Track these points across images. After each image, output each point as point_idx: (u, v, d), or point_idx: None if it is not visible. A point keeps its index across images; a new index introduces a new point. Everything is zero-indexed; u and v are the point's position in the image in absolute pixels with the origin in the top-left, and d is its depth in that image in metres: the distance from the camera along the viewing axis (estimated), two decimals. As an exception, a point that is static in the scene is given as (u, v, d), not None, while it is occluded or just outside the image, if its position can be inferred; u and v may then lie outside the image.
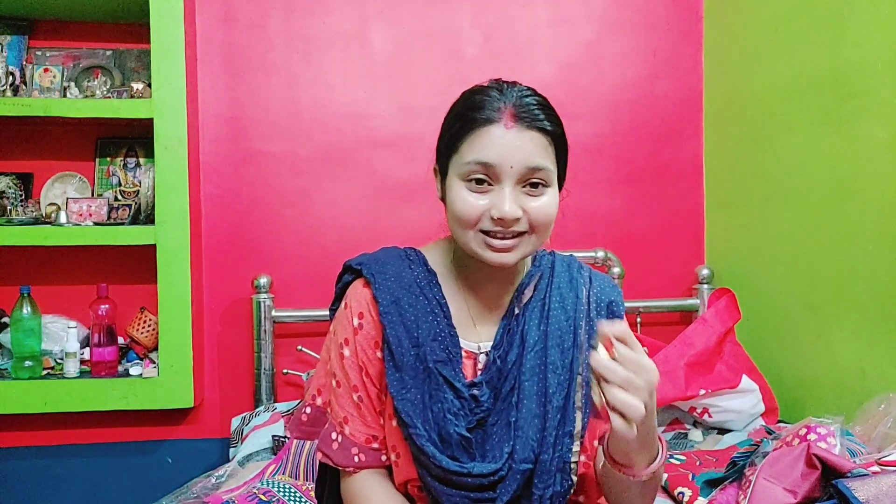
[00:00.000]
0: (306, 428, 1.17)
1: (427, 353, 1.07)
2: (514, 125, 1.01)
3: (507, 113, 1.02)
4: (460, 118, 1.05)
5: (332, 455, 1.11)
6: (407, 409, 1.05)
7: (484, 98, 1.04)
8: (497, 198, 1.01)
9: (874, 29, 1.83)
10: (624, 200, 2.53)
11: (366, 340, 1.11)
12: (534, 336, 1.09)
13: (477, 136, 1.02)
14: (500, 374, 1.08)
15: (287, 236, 2.41)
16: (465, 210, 1.02)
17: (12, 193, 2.22)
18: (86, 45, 2.31)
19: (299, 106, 2.42)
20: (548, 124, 1.03)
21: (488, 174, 1.02)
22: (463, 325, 1.12)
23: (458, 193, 1.03)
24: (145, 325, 2.22)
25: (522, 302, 1.12)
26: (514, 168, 1.01)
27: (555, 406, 1.06)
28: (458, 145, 1.04)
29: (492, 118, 1.02)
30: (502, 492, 1.05)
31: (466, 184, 1.03)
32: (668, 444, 2.09)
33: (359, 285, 1.13)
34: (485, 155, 1.01)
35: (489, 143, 1.01)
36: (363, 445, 1.10)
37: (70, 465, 2.30)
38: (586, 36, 2.54)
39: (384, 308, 1.09)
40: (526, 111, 1.02)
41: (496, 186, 1.02)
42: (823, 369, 2.03)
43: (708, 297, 2.45)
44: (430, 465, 1.05)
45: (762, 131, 2.28)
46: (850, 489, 1.26)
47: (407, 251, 1.16)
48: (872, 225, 1.84)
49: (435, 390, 1.06)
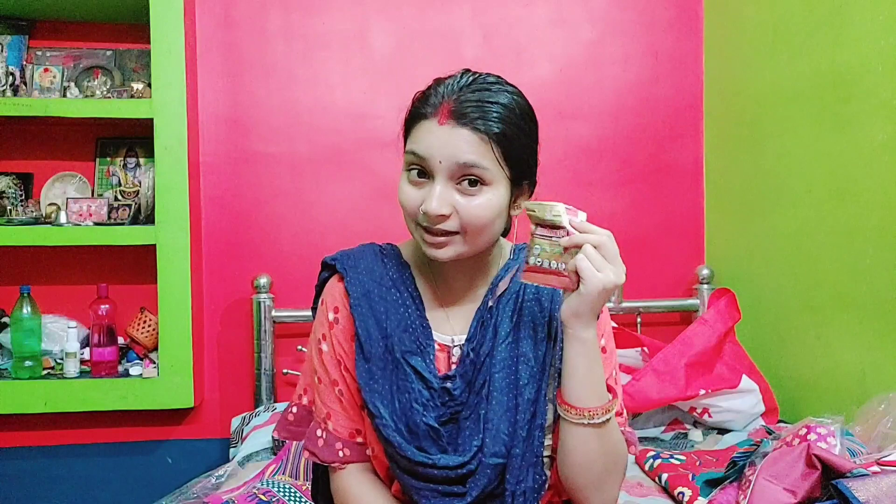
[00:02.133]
0: (293, 427, 1.17)
1: (395, 344, 1.07)
2: (447, 122, 1.01)
3: (444, 109, 1.02)
4: (410, 108, 1.09)
5: (317, 452, 1.12)
6: (374, 399, 1.06)
7: (428, 92, 1.07)
8: (427, 192, 1.02)
9: (874, 30, 1.83)
10: (624, 200, 2.53)
11: (342, 334, 1.12)
12: (506, 328, 1.09)
13: (416, 128, 1.05)
14: (474, 366, 1.08)
15: (287, 236, 2.41)
16: (404, 201, 1.05)
17: (12, 193, 2.22)
18: (86, 45, 2.31)
19: (299, 106, 2.42)
20: (481, 123, 1.00)
21: (423, 168, 1.03)
22: (437, 317, 1.12)
23: (402, 184, 1.07)
24: (145, 325, 2.22)
25: (496, 294, 1.11)
26: (444, 164, 1.01)
27: (526, 398, 1.06)
28: (406, 135, 1.08)
29: (427, 113, 1.04)
30: (472, 486, 1.04)
31: (408, 174, 1.06)
32: (668, 444, 2.09)
33: (334, 280, 1.15)
34: (417, 147, 1.03)
35: (422, 136, 1.03)
36: (347, 440, 1.11)
37: (70, 465, 2.30)
38: (587, 36, 2.55)
39: (354, 300, 1.10)
40: (462, 109, 1.01)
41: (430, 181, 1.03)
42: (823, 369, 2.03)
43: (708, 297, 2.45)
44: (396, 457, 1.05)
45: (762, 132, 2.28)
46: (850, 489, 1.26)
47: (382, 246, 1.18)
48: (872, 225, 1.84)
49: (402, 380, 1.06)
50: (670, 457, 1.87)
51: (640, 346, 2.28)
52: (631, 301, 2.46)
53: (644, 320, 2.51)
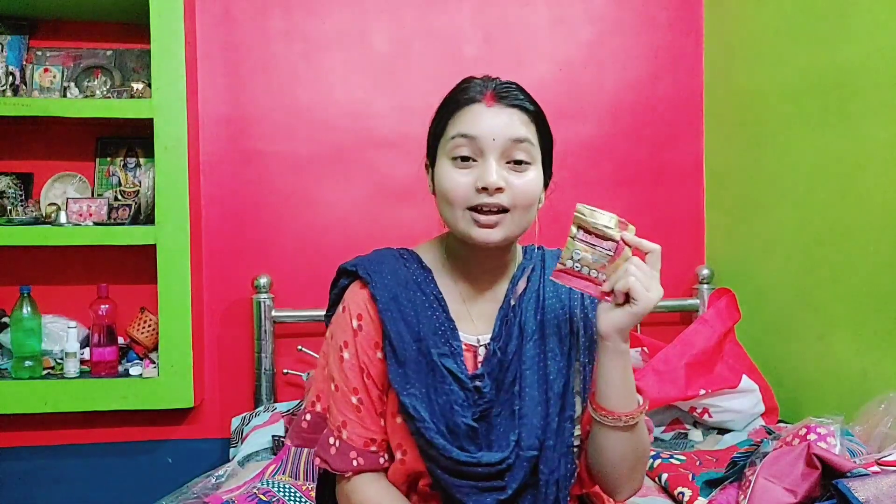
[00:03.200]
0: (307, 435, 1.17)
1: (430, 347, 1.09)
2: (495, 103, 1.08)
3: (489, 93, 1.08)
4: (446, 104, 1.12)
5: (330, 460, 1.11)
6: (413, 403, 1.07)
7: (467, 84, 1.11)
8: (481, 170, 1.06)
9: (874, 28, 1.83)
10: (624, 200, 2.53)
11: (366, 341, 1.11)
12: (531, 326, 1.12)
13: (461, 113, 1.08)
14: (501, 365, 1.10)
15: (287, 236, 2.41)
16: (452, 186, 1.06)
17: (12, 193, 2.22)
18: (86, 45, 2.31)
19: (299, 105, 2.42)
20: (528, 104, 1.09)
21: (472, 149, 1.06)
22: (460, 318, 1.13)
23: (446, 172, 1.08)
24: (145, 325, 2.22)
25: (517, 293, 1.15)
26: (497, 141, 1.06)
27: (556, 392, 1.10)
28: (445, 127, 1.10)
29: (474, 97, 1.08)
30: (510, 479, 1.07)
31: (452, 161, 1.08)
32: (669, 444, 2.09)
33: (355, 287, 1.15)
34: (467, 128, 1.07)
35: (472, 117, 1.07)
36: (361, 449, 1.11)
37: (70, 465, 2.30)
38: (586, 36, 2.55)
39: (383, 305, 1.10)
40: (506, 92, 1.09)
41: (480, 161, 1.06)
42: (824, 369, 2.03)
43: (708, 297, 2.45)
44: (439, 458, 1.06)
45: (763, 131, 2.28)
46: (850, 489, 1.26)
47: (400, 251, 1.19)
48: (873, 225, 1.84)
49: (440, 383, 1.08)
50: (670, 457, 1.87)
51: (640, 346, 2.28)
52: (631, 301, 2.46)
53: (644, 320, 2.47)
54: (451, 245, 1.16)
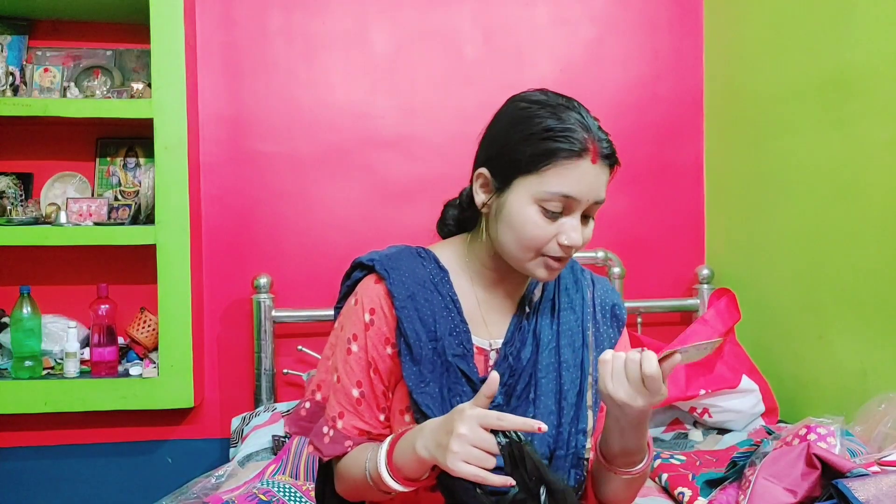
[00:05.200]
0: (304, 423, 1.17)
1: (445, 347, 1.09)
2: (598, 161, 1.05)
3: (594, 148, 1.05)
4: (544, 140, 1.04)
5: (322, 447, 1.12)
6: (427, 402, 1.07)
7: (567, 126, 1.05)
8: (566, 226, 1.05)
9: (875, 29, 1.83)
10: (624, 200, 2.53)
11: (377, 336, 1.11)
12: (547, 334, 1.13)
13: (566, 167, 1.03)
14: (512, 371, 1.11)
15: (287, 236, 2.41)
16: (537, 235, 1.05)
17: (12, 193, 2.22)
18: (86, 45, 2.30)
19: (299, 106, 2.42)
20: (614, 161, 1.09)
21: (564, 204, 1.05)
22: (474, 322, 1.13)
23: (531, 218, 1.05)
24: (145, 325, 2.22)
25: (533, 301, 1.16)
26: (587, 202, 1.06)
27: (569, 402, 1.11)
28: (541, 169, 1.04)
29: (581, 151, 1.04)
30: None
31: (542, 210, 1.05)
32: (669, 444, 2.09)
33: (370, 281, 1.13)
34: (572, 189, 1.03)
35: (579, 178, 1.04)
36: (356, 438, 1.11)
37: (70, 465, 2.30)
38: (587, 36, 2.54)
39: (400, 302, 1.09)
40: (607, 147, 1.07)
41: (565, 212, 1.06)
42: (824, 369, 2.02)
43: (708, 297, 2.45)
44: None
45: (763, 132, 2.28)
46: (850, 489, 1.26)
47: (417, 249, 1.17)
48: (873, 225, 1.84)
49: (454, 383, 1.08)
50: (670, 457, 1.87)
51: (640, 347, 2.27)
52: (631, 301, 2.46)
53: (644, 320, 2.51)
54: (478, 252, 1.15)
